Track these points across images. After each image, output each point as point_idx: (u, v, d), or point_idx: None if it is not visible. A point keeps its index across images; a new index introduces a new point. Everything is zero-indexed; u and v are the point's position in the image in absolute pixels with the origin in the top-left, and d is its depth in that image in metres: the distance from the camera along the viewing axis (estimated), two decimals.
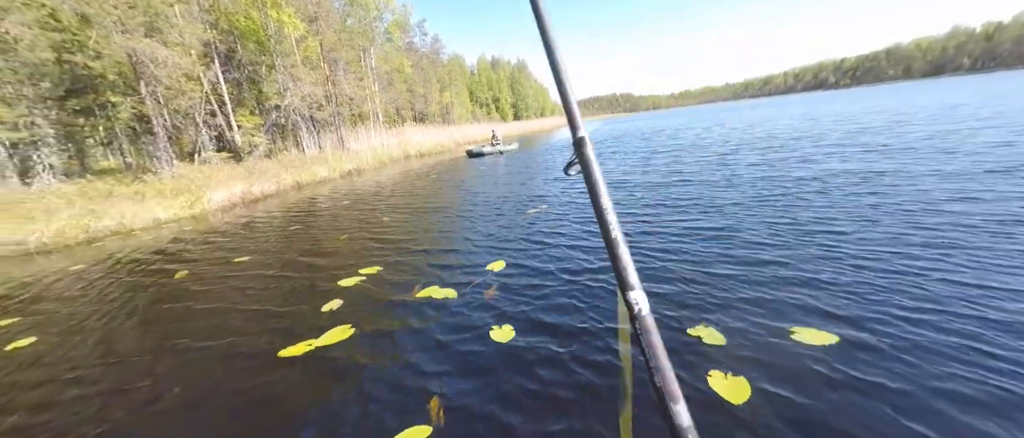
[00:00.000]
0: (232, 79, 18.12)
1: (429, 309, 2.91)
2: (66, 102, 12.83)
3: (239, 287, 3.78)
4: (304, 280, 3.82)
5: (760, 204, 4.57)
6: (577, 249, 3.89)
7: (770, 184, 5.51)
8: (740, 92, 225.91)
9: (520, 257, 3.80)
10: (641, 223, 4.38)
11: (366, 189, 10.62)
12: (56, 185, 10.23)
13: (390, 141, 22.66)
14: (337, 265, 4.15)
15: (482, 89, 53.74)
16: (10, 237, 6.55)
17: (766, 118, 20.60)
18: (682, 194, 5.55)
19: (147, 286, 4.17)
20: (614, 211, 0.58)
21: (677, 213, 4.60)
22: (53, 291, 4.40)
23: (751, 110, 35.71)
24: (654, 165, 8.72)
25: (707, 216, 4.34)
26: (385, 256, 4.29)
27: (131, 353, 2.74)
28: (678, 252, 3.42)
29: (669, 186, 6.22)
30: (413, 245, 4.59)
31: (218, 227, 7.37)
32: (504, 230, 4.81)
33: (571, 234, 4.39)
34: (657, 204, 5.16)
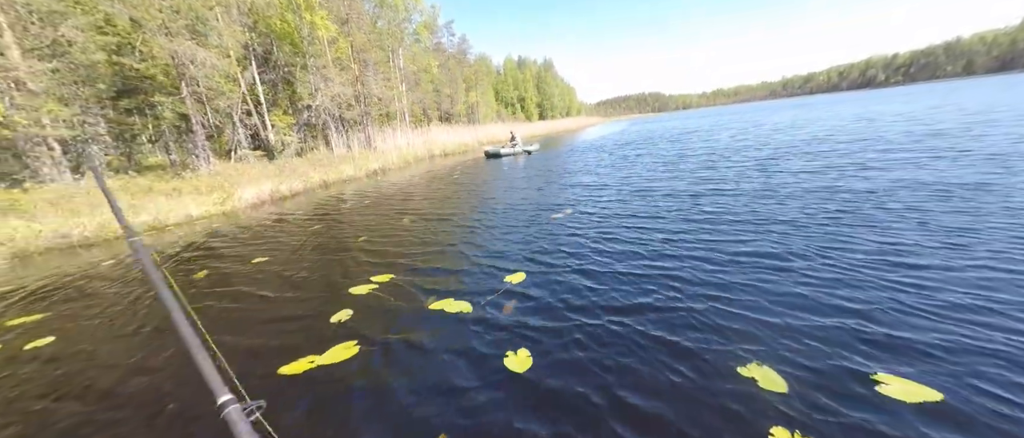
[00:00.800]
0: (268, 80, 18.75)
1: (441, 325, 2.68)
2: (118, 102, 13.62)
3: (252, 292, 3.70)
4: (317, 285, 3.69)
5: (814, 221, 3.98)
6: (603, 258, 3.58)
7: (824, 197, 4.83)
8: (778, 91, 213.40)
9: (541, 268, 3.52)
10: (666, 241, 3.89)
11: (389, 189, 10.62)
12: (106, 181, 10.80)
13: (416, 140, 22.86)
14: (352, 270, 4.02)
15: (508, 89, 53.62)
16: (56, 231, 6.89)
17: (812, 118, 18.97)
18: (717, 207, 4.93)
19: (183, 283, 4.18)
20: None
21: (710, 230, 4.06)
22: (81, 288, 4.50)
23: (793, 109, 33.07)
24: (683, 171, 7.94)
25: (748, 233, 3.83)
26: (401, 261, 4.12)
27: (133, 363, 2.66)
28: (714, 276, 2.99)
29: (701, 197, 5.56)
30: (430, 250, 4.40)
31: (245, 224, 7.50)
32: (525, 236, 4.54)
33: (596, 242, 4.07)
34: (687, 218, 4.62)
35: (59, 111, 10.23)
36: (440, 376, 2.14)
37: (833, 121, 15.64)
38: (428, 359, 2.31)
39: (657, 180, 7.20)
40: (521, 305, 2.86)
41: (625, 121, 70.23)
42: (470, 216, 5.97)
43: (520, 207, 6.20)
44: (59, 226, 6.99)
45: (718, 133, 16.41)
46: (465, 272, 3.63)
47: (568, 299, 2.88)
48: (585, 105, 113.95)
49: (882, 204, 4.30)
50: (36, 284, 4.79)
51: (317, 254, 4.79)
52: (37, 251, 6.59)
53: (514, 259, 3.83)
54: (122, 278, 4.68)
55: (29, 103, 9.57)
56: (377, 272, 3.82)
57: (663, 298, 2.75)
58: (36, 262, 6.21)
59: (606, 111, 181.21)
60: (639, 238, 4.07)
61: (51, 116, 10.00)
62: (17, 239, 6.53)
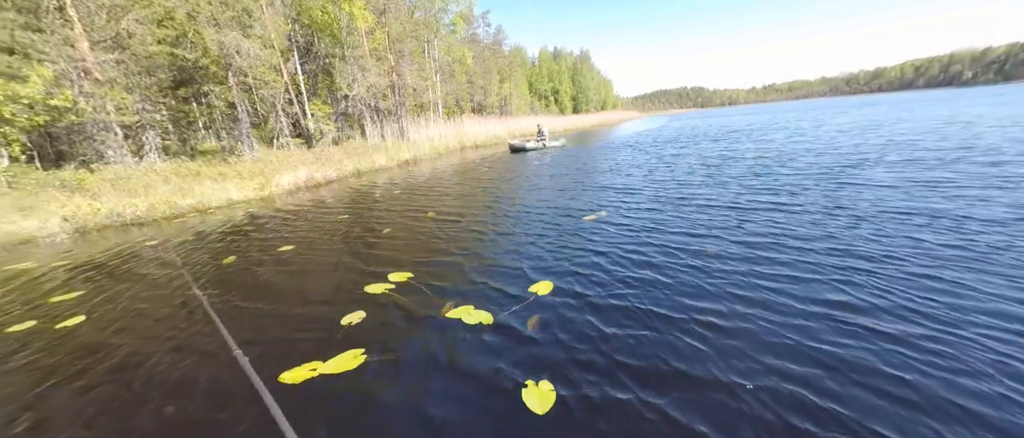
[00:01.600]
0: (308, 70, 19.36)
1: (456, 336, 2.48)
2: (177, 91, 14.51)
3: (270, 285, 3.67)
4: (334, 281, 3.61)
5: (912, 264, 2.86)
6: (642, 269, 3.24)
7: (922, 225, 3.63)
8: (840, 87, 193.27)
9: (572, 278, 3.23)
10: (700, 271, 3.09)
11: (419, 179, 10.62)
12: (159, 164, 11.52)
13: (448, 132, 22.93)
14: (371, 265, 3.91)
15: (542, 80, 52.79)
16: (112, 210, 7.36)
17: (887, 119, 16.33)
18: (770, 227, 3.93)
19: (195, 272, 4.27)
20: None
21: (759, 258, 3.18)
22: (119, 267, 4.70)
23: (860, 109, 28.91)
24: (729, 178, 6.70)
25: (807, 267, 2.93)
26: (421, 259, 3.97)
27: (142, 356, 2.66)
28: (786, 341, 2.16)
29: (749, 212, 4.54)
30: (453, 247, 4.23)
31: (279, 210, 7.70)
32: (555, 239, 4.26)
33: (634, 249, 3.73)
34: (733, 237, 3.77)
35: (122, 99, 10.97)
36: (445, 407, 1.91)
37: (916, 123, 13.64)
38: (437, 381, 2.10)
39: (696, 186, 6.46)
40: (546, 322, 2.61)
41: (664, 117, 67.29)
42: (497, 213, 5.76)
43: (550, 205, 5.91)
44: (115, 206, 7.47)
45: (770, 133, 15.06)
46: (488, 276, 3.41)
47: (600, 321, 2.58)
48: (621, 99, 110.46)
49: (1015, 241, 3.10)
50: (93, 258, 5.08)
51: (340, 245, 4.75)
52: (95, 227, 7.08)
53: (541, 265, 3.57)
54: (158, 260, 4.86)
55: (96, 91, 10.31)
56: (396, 269, 3.69)
57: (696, 351, 2.38)
58: (93, 238, 6.66)
59: (644, 106, 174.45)
60: (671, 263, 3.64)
61: (114, 103, 10.73)
62: (79, 216, 7.04)
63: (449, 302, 2.93)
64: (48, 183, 8.29)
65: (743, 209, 4.74)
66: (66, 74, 9.37)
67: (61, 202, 7.34)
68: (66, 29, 9.53)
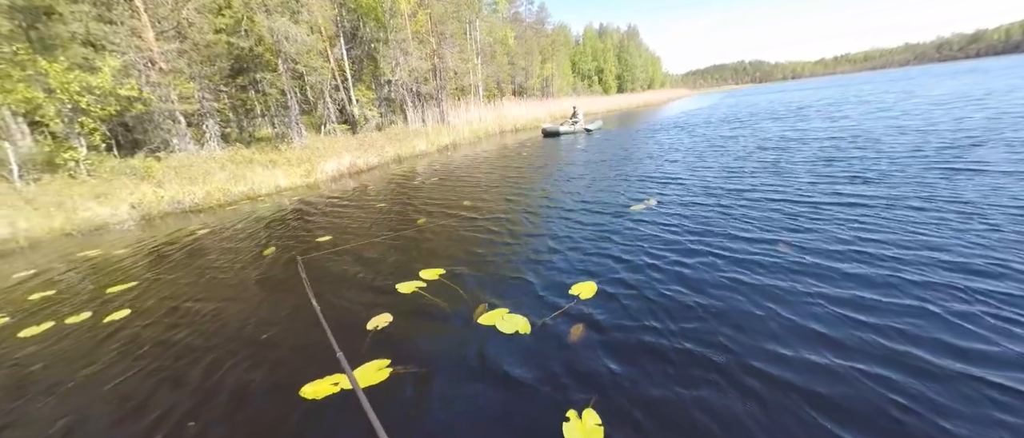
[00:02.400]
0: (354, 56, 19.71)
1: (490, 347, 2.18)
2: (235, 79, 15.32)
3: (303, 277, 3.59)
4: (365, 275, 3.44)
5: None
6: (698, 269, 2.76)
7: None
8: (928, 54, 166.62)
9: (619, 279, 2.82)
10: (768, 288, 2.44)
11: (457, 165, 10.44)
12: (218, 152, 12.24)
13: (487, 115, 22.62)
14: (404, 258, 3.72)
15: (586, 59, 50.65)
16: (173, 197, 7.85)
17: (998, 88, 13.48)
18: (855, 234, 3.03)
19: (237, 261, 4.31)
20: None
21: (859, 286, 2.35)
22: (169, 259, 4.89)
23: (959, 77, 23.68)
24: (793, 164, 5.66)
25: (939, 302, 2.11)
26: (455, 253, 3.71)
27: (169, 360, 2.61)
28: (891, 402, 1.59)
29: (822, 207, 3.71)
30: (488, 240, 3.93)
31: (322, 197, 7.83)
32: (599, 231, 3.83)
33: (687, 246, 3.22)
34: (808, 255, 2.93)
35: (185, 87, 11.67)
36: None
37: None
38: (463, 406, 1.82)
39: (755, 173, 5.61)
40: (591, 332, 2.24)
41: (717, 93, 62.32)
42: (535, 201, 5.38)
43: (592, 193, 5.43)
44: (175, 193, 7.95)
45: (845, 108, 13.15)
46: (524, 274, 3.08)
47: (651, 333, 2.18)
48: (670, 76, 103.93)
49: None
50: (147, 247, 5.38)
51: (374, 236, 4.62)
52: (159, 214, 7.58)
53: (583, 262, 3.17)
54: (204, 249, 5.01)
55: (161, 80, 11.01)
56: (428, 264, 3.46)
57: (770, 385, 1.91)
58: (156, 224, 7.12)
59: (695, 83, 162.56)
60: (733, 266, 3.11)
61: (177, 92, 11.44)
62: (145, 203, 7.56)
63: (482, 304, 2.64)
64: (121, 171, 9.01)
65: (814, 203, 3.95)
66: (133, 64, 10.05)
67: (130, 190, 7.93)
68: (133, 20, 10.17)
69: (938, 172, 4.50)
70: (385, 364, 2.11)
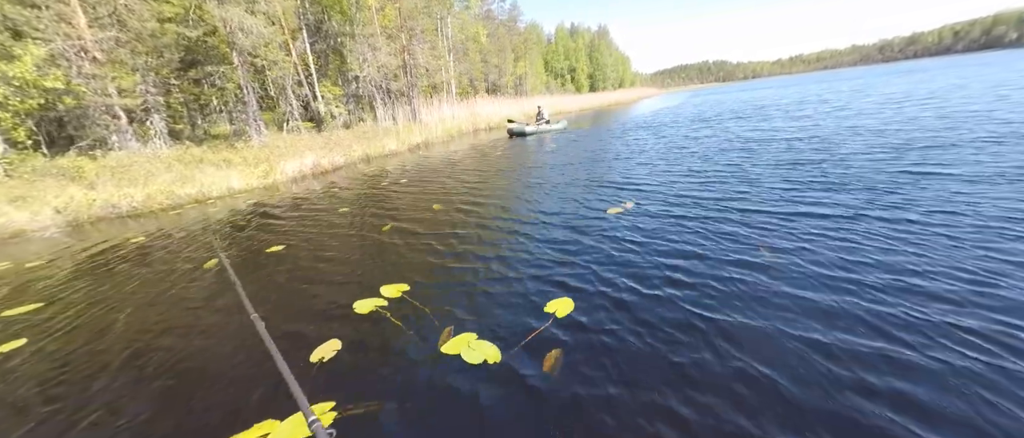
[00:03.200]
0: (318, 50, 18.75)
1: (454, 384, 1.91)
2: (187, 73, 14.15)
3: (251, 295, 3.17)
4: (319, 292, 3.08)
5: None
6: (685, 278, 2.59)
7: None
8: (872, 55, 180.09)
9: (596, 293, 2.62)
10: (756, 296, 2.34)
11: (428, 165, 10.04)
12: (165, 150, 11.24)
13: (460, 113, 22.18)
14: (365, 272, 3.37)
15: (558, 58, 50.86)
16: (107, 201, 7.05)
17: (942, 87, 14.13)
18: (838, 249, 2.78)
19: (172, 276, 3.82)
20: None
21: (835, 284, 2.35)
22: (91, 273, 4.31)
23: (905, 75, 25.06)
24: (761, 169, 5.40)
25: (943, 325, 1.92)
26: (421, 265, 3.41)
27: (65, 412, 2.19)
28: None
29: (796, 219, 3.45)
30: (457, 249, 3.64)
31: (281, 200, 7.26)
32: (575, 238, 3.62)
33: (672, 251, 3.06)
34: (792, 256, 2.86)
35: (123, 80, 10.61)
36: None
37: (979, 88, 11.87)
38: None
39: (725, 178, 5.67)
40: (569, 357, 2.01)
41: (684, 93, 64.14)
42: (508, 205, 5.13)
43: (566, 196, 5.24)
44: (110, 196, 7.15)
45: (805, 107, 13.67)
46: (495, 289, 2.82)
47: (634, 357, 1.98)
48: (640, 76, 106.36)
49: None
50: (71, 259, 4.72)
51: (333, 246, 4.23)
52: (90, 220, 6.78)
53: (560, 274, 2.95)
54: (136, 261, 4.44)
55: (96, 71, 9.95)
56: (392, 279, 3.13)
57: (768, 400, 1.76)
58: (86, 231, 6.35)
59: (663, 82, 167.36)
60: (717, 273, 2.99)
61: (115, 85, 10.38)
62: (72, 207, 6.74)
63: (448, 328, 2.36)
64: (47, 172, 8.05)
65: (787, 214, 3.82)
66: (62, 53, 9.01)
67: (56, 192, 7.06)
68: (61, 4, 9.11)
69: (906, 176, 4.42)
70: (329, 407, 1.80)
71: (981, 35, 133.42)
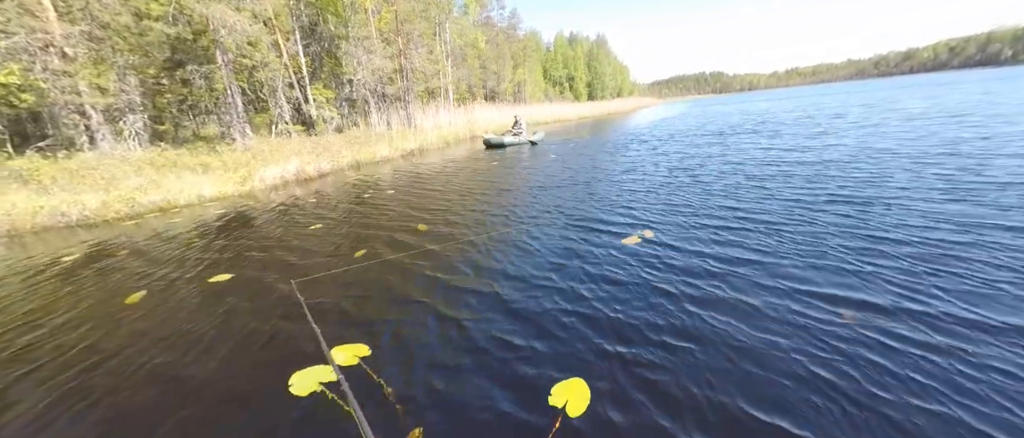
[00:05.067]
0: (312, 52, 18.13)
1: None
2: (175, 72, 13.40)
3: (181, 347, 2.46)
4: (253, 357, 2.37)
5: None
6: (732, 342, 1.90)
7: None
8: (867, 70, 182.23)
9: (623, 368, 1.93)
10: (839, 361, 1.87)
11: (419, 174, 9.36)
12: (137, 152, 10.51)
13: (457, 119, 21.60)
14: (318, 322, 2.67)
15: (557, 66, 50.56)
16: (56, 208, 6.30)
17: (970, 100, 13.69)
18: (922, 303, 2.18)
19: (88, 311, 3.09)
20: None
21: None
22: (24, 293, 3.57)
23: (907, 89, 24.41)
24: (812, 193, 4.51)
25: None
26: (392, 314, 2.71)
27: None
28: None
29: (859, 259, 2.77)
30: (439, 295, 2.94)
31: (254, 210, 6.54)
32: (585, 276, 2.93)
33: (711, 295, 2.38)
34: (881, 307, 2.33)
35: (95, 78, 9.90)
36: None
37: (1013, 103, 11.16)
38: None
39: (756, 201, 5.05)
40: None
41: (684, 103, 63.99)
42: (504, 226, 4.44)
43: (573, 218, 4.56)
44: (60, 203, 6.40)
45: (820, 121, 13.08)
46: (485, 358, 2.12)
47: None
48: (638, 85, 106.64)
49: None
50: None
51: (293, 276, 3.52)
52: (32, 229, 6.02)
53: (568, 334, 2.26)
54: (65, 281, 3.70)
55: (66, 68, 9.24)
56: (348, 334, 2.43)
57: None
58: (26, 242, 5.60)
59: (661, 92, 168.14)
60: (780, 340, 2.31)
61: (87, 82, 9.66)
62: (14, 214, 5.99)
63: (416, 430, 1.66)
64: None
65: (860, 253, 3.27)
66: (24, 47, 8.29)
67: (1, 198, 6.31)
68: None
69: (982, 209, 3.62)
70: None
71: (976, 52, 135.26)
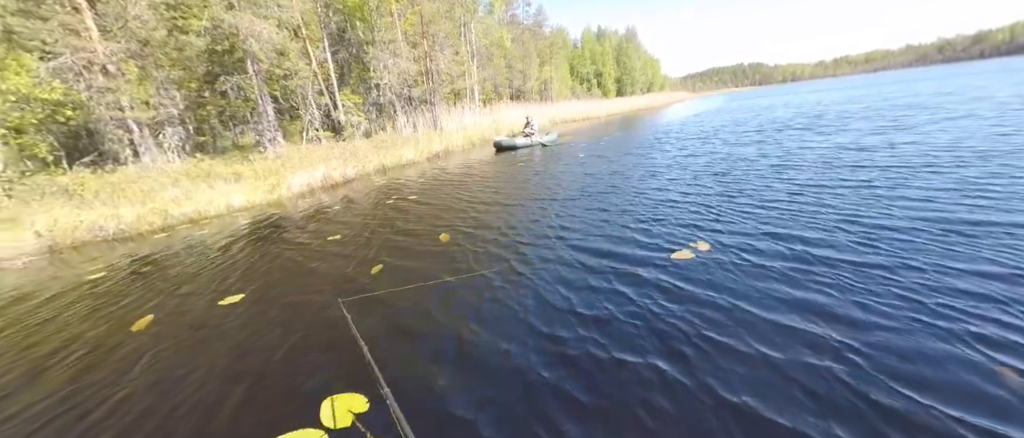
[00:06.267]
0: (340, 59, 18.43)
1: None
2: (213, 84, 13.92)
3: (181, 378, 2.20)
4: (235, 409, 2.06)
5: None
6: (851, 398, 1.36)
7: None
8: (930, 55, 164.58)
9: (693, 420, 1.44)
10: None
11: (444, 178, 9.09)
12: (175, 164, 10.88)
13: (483, 120, 21.35)
14: (327, 354, 2.34)
15: (584, 63, 49.44)
16: (94, 223, 6.46)
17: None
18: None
19: (94, 337, 2.93)
20: None
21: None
22: (30, 315, 3.51)
23: (972, 77, 22.40)
24: (918, 212, 3.26)
25: None
26: (399, 352, 2.34)
27: None
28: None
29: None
30: (464, 310, 2.55)
31: (280, 219, 6.46)
32: (629, 299, 2.45)
33: (808, 335, 1.83)
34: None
35: (136, 92, 10.32)
36: None
37: None
38: None
39: (831, 206, 4.32)
40: None
41: (719, 96, 60.89)
42: (534, 236, 3.99)
43: (609, 227, 4.05)
44: (98, 218, 6.57)
45: (892, 114, 11.40)
46: (516, 425, 1.70)
47: None
48: (669, 79, 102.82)
49: None
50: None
51: (312, 288, 3.24)
52: (73, 245, 6.19)
53: (612, 384, 1.80)
54: (72, 306, 3.62)
55: (109, 84, 9.67)
56: (348, 379, 2.08)
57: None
58: (67, 257, 5.74)
59: (694, 85, 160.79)
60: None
61: (128, 98, 10.08)
62: (57, 230, 6.18)
63: None
64: (47, 189, 7.64)
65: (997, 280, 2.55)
66: (69, 67, 8.70)
67: (46, 213, 6.55)
68: (68, 15, 8.81)
69: None
70: None
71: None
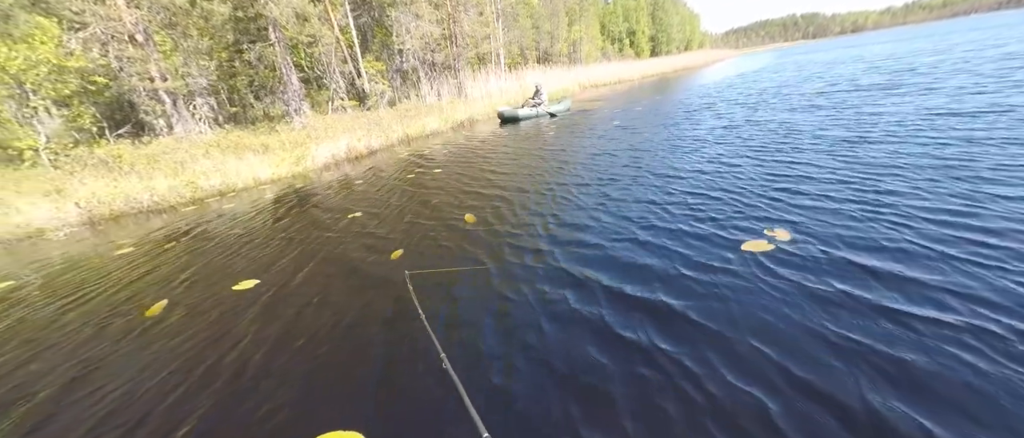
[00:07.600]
0: (362, 24, 17.85)
1: None
2: (243, 54, 13.82)
3: (190, 373, 2.02)
4: (247, 408, 1.83)
5: None
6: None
7: None
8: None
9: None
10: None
11: (469, 148, 8.67)
12: (207, 134, 11.00)
13: (509, 86, 20.43)
14: (339, 356, 2.08)
15: (616, 21, 46.10)
16: (129, 195, 6.56)
17: None
18: None
19: (107, 325, 2.83)
20: None
21: None
22: (39, 301, 3.50)
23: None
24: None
25: None
26: (413, 367, 2.04)
27: None
28: None
29: None
30: (492, 304, 2.22)
31: (303, 193, 6.33)
32: (693, 297, 2.02)
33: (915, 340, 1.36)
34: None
35: (165, 62, 10.32)
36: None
37: None
38: None
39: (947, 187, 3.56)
40: None
41: (766, 53, 55.53)
42: (569, 218, 3.56)
43: (657, 207, 3.55)
44: (132, 190, 6.66)
45: (1001, 68, 9.62)
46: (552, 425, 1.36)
47: None
48: (709, 35, 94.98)
49: None
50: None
51: (327, 274, 3.01)
52: (110, 216, 6.32)
53: (676, 408, 1.42)
54: (85, 293, 3.58)
55: (137, 55, 9.68)
56: (374, 386, 1.80)
57: None
58: (103, 229, 5.87)
59: (738, 41, 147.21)
60: None
61: (158, 68, 10.10)
62: (94, 202, 6.32)
63: None
64: (88, 160, 7.84)
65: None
66: (97, 37, 8.69)
67: (88, 184, 6.71)
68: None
69: None
70: None
71: None
